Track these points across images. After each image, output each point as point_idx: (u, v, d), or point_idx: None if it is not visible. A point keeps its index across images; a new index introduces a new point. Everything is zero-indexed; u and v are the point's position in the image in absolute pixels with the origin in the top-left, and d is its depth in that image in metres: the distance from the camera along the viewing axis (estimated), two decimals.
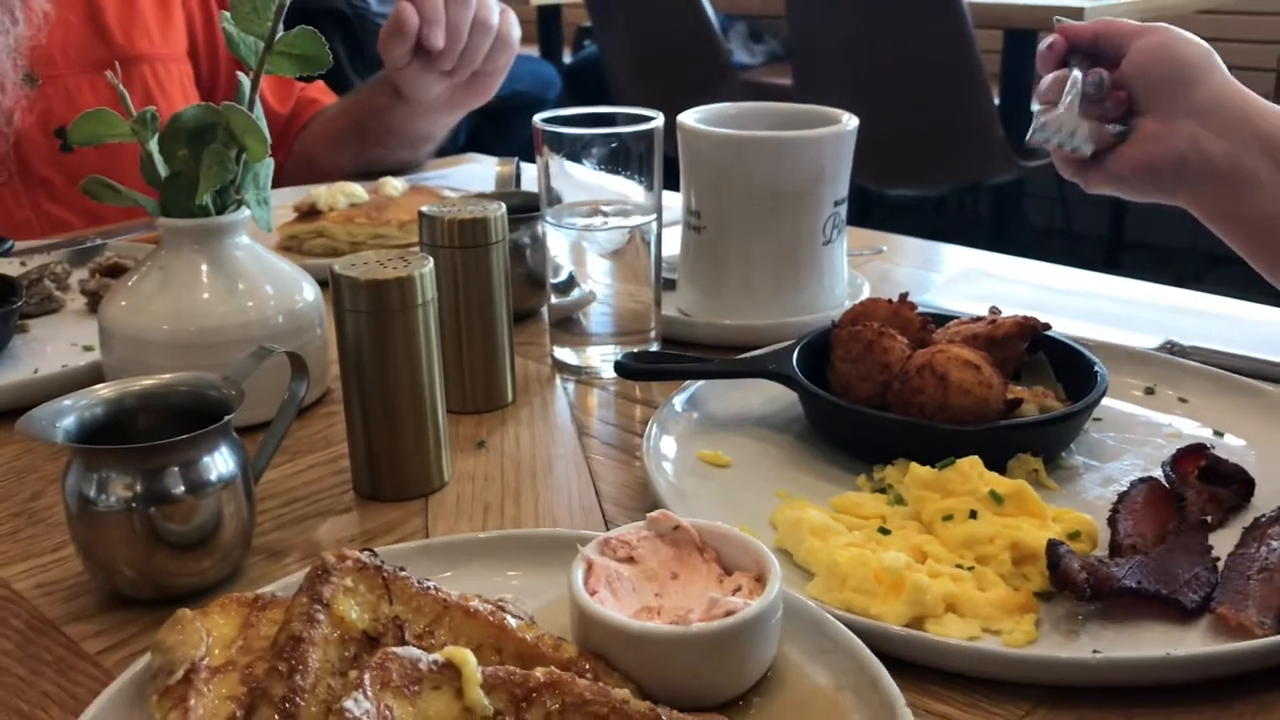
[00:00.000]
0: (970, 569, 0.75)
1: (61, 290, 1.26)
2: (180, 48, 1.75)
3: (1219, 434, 0.95)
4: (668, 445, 0.94)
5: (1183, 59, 0.98)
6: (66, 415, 0.77)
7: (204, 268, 0.98)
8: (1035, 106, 1.03)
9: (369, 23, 4.14)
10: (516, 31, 1.62)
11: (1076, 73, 0.99)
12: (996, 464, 0.84)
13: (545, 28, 5.01)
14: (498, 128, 4.10)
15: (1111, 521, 0.81)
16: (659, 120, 1.07)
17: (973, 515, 0.78)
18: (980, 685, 0.68)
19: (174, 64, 1.73)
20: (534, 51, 5.09)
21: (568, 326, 1.14)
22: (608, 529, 0.81)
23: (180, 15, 1.75)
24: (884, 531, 0.79)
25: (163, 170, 0.97)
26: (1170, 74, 0.97)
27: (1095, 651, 0.68)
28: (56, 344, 1.16)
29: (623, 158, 1.08)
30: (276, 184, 1.02)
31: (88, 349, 1.14)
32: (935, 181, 3.78)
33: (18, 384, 1.05)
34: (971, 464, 0.81)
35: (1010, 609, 0.72)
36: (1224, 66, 0.98)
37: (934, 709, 0.67)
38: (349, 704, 0.54)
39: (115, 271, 1.25)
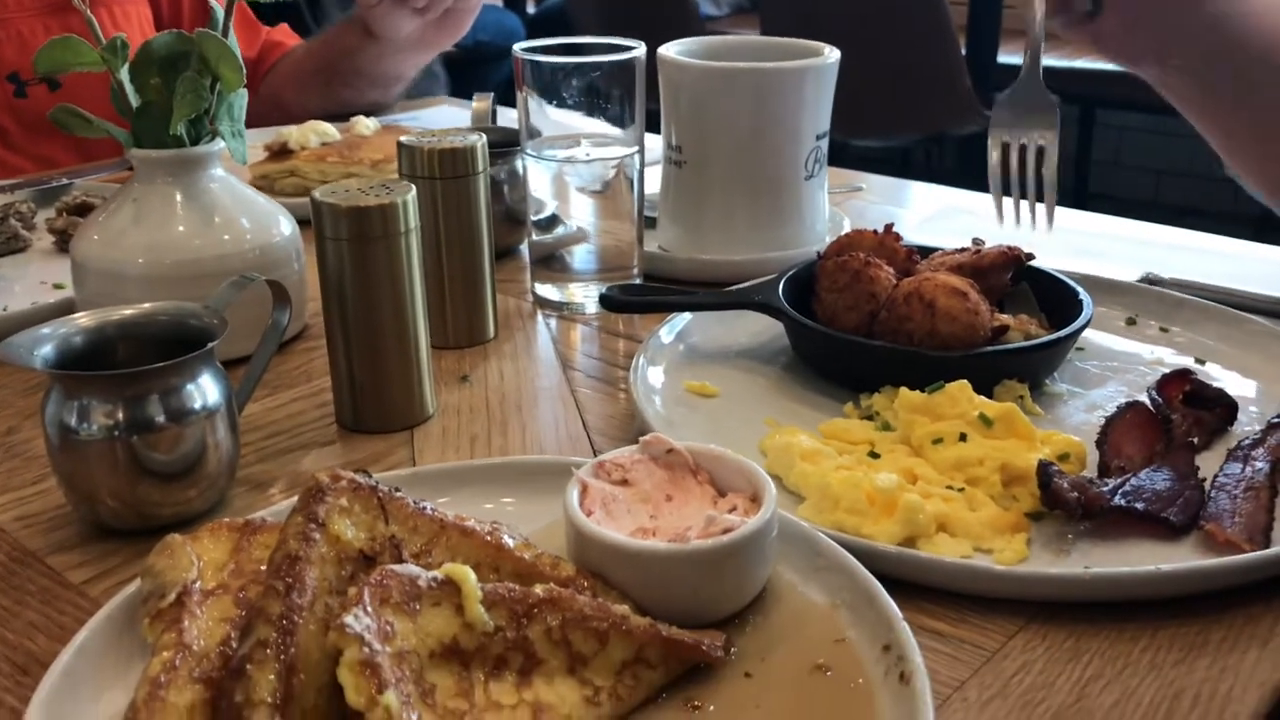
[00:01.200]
0: (961, 490, 0.75)
1: (28, 229, 1.23)
2: None
3: (1200, 362, 0.96)
4: (655, 376, 0.94)
5: None
6: (45, 343, 0.75)
7: (178, 200, 0.96)
8: None
9: None
10: None
11: None
12: (983, 390, 0.84)
13: None
14: (462, 77, 4.04)
15: (1100, 444, 0.81)
16: (640, 49, 1.05)
17: (962, 438, 0.78)
18: (973, 603, 0.69)
19: (131, 5, 1.69)
20: (498, 1, 5.02)
21: (550, 263, 1.13)
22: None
23: None
24: (874, 455, 0.79)
25: (134, 100, 0.95)
26: None
27: (1087, 568, 0.69)
28: (25, 282, 1.13)
29: (603, 90, 1.07)
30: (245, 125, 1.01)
31: (58, 286, 1.12)
32: (902, 131, 3.78)
33: None
34: (960, 388, 0.81)
35: (1001, 528, 0.73)
36: None
37: (927, 625, 0.67)
38: (349, 619, 0.53)
39: (83, 210, 1.23)
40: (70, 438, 0.73)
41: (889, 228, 0.99)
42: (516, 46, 1.06)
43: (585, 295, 1.11)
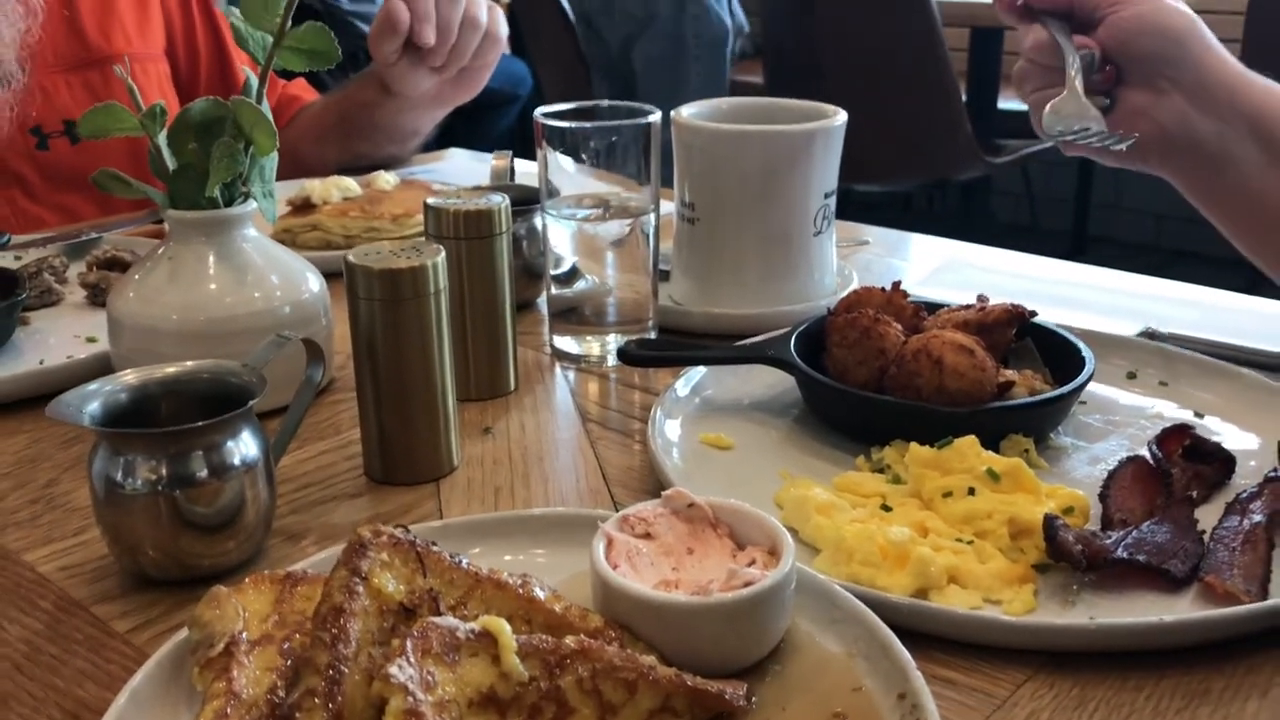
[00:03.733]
0: (970, 543, 0.78)
1: (60, 283, 1.27)
2: (158, 46, 1.76)
3: (1199, 415, 0.99)
4: (671, 429, 0.97)
5: (1168, 30, 0.95)
6: (92, 400, 0.78)
7: (212, 259, 1.00)
8: (1026, 94, 1.03)
9: (339, 19, 4.14)
10: (504, 28, 1.65)
11: (1073, 52, 0.96)
12: (989, 444, 0.87)
13: (516, 25, 5.01)
14: (470, 123, 4.11)
15: (1102, 497, 0.84)
16: (656, 115, 1.09)
17: (971, 492, 0.81)
18: (983, 652, 0.71)
19: (151, 63, 1.74)
20: (505, 49, 5.10)
21: (568, 316, 1.17)
22: (617, 510, 0.83)
23: (159, 14, 1.76)
24: (886, 508, 0.83)
25: (171, 164, 0.99)
26: (1155, 47, 0.95)
27: (1092, 618, 0.72)
28: (58, 336, 1.17)
29: (621, 151, 1.11)
30: None
31: (90, 340, 1.15)
32: (904, 178, 3.84)
33: (25, 375, 1.06)
34: (969, 443, 0.84)
35: (1010, 580, 0.76)
36: (1211, 37, 0.97)
37: (940, 674, 0.70)
38: (394, 669, 0.56)
39: (113, 264, 1.27)
40: (116, 492, 0.76)
41: (896, 285, 1.03)
42: (538, 112, 1.10)
43: (603, 348, 1.15)
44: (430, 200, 1.04)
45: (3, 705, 0.68)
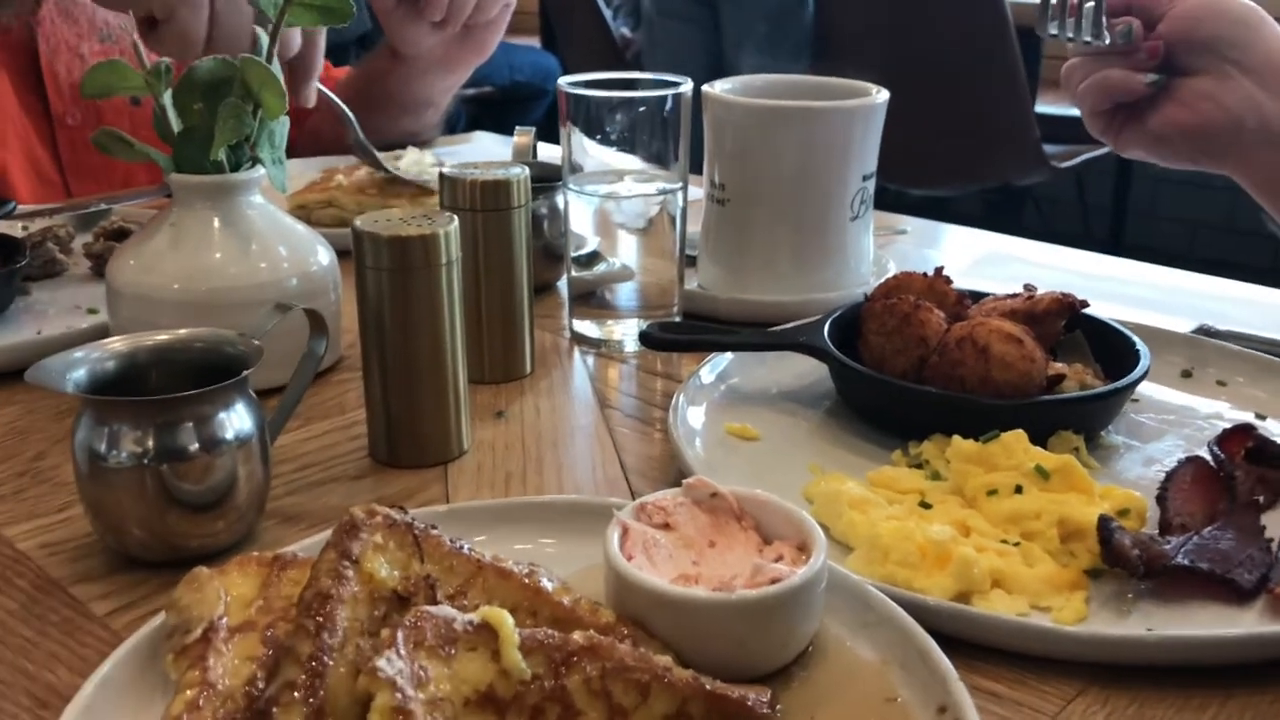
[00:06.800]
0: (1016, 544, 0.72)
1: (65, 253, 1.22)
2: None
3: (1261, 417, 0.92)
4: (694, 417, 0.91)
5: (1232, 12, 0.94)
6: (77, 367, 0.73)
7: (216, 226, 0.95)
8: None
9: None
10: None
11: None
12: (1037, 441, 0.81)
13: (547, 18, 4.97)
14: (498, 116, 4.06)
15: (1160, 500, 0.78)
16: (687, 85, 1.04)
17: (1018, 490, 0.75)
18: (1029, 663, 0.65)
19: None
20: (535, 42, 5.06)
21: (588, 300, 1.11)
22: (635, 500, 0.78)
23: None
24: (925, 506, 0.77)
25: (176, 125, 0.94)
26: (1220, 31, 0.93)
27: (1149, 630, 0.66)
28: (59, 306, 1.12)
29: (648, 126, 1.05)
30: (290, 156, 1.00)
31: (91, 311, 1.10)
32: (965, 183, 3.70)
33: (20, 344, 1.02)
34: (1016, 438, 0.78)
35: (1059, 585, 0.70)
36: (1275, 22, 0.95)
37: (981, 686, 0.64)
38: (381, 663, 0.51)
39: (120, 236, 1.22)
40: (99, 464, 0.71)
41: (939, 271, 0.97)
42: (562, 80, 1.05)
43: (624, 333, 1.09)
44: (445, 170, 0.98)
45: None
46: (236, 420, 0.74)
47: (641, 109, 1.04)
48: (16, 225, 1.28)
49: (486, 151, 1.80)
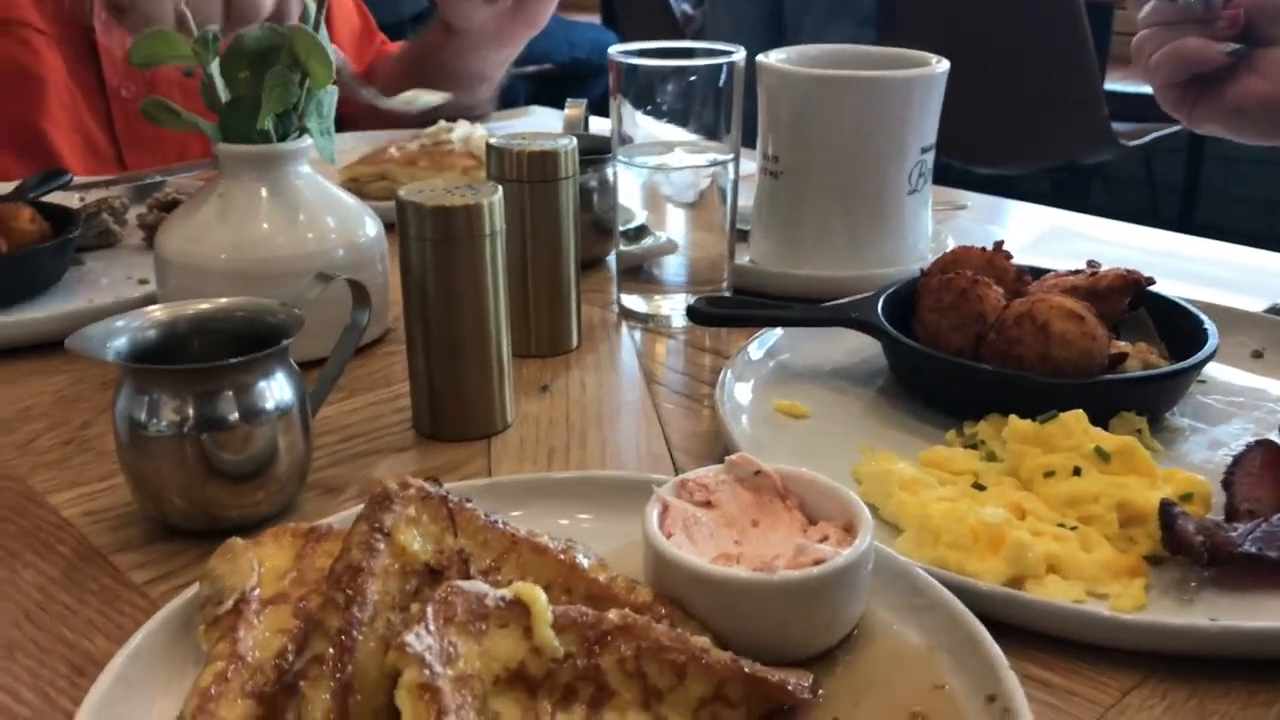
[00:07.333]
0: (1073, 528, 0.70)
1: (119, 224, 1.23)
2: None
3: None
4: (742, 394, 0.89)
5: None
6: (119, 335, 0.73)
7: (264, 196, 0.95)
8: None
9: None
10: None
11: None
12: (1097, 422, 0.78)
13: None
14: (557, 93, 4.04)
15: (1227, 485, 0.75)
16: (740, 53, 1.01)
17: (1076, 472, 0.72)
18: (1085, 652, 0.63)
19: None
20: (596, 19, 5.03)
21: (636, 274, 1.10)
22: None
23: None
24: (979, 487, 0.74)
25: (224, 95, 0.94)
26: None
27: (1213, 620, 0.63)
28: (111, 277, 1.13)
29: (700, 96, 1.03)
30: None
31: (143, 282, 1.11)
32: (1031, 160, 3.61)
33: (70, 313, 1.02)
34: (1076, 418, 0.75)
35: (1118, 572, 0.67)
36: None
37: (1035, 675, 0.61)
38: (410, 638, 0.50)
39: (174, 207, 1.22)
40: (139, 433, 0.71)
41: (998, 245, 0.94)
42: (613, 49, 1.03)
43: (672, 308, 1.07)
44: (492, 140, 0.97)
45: (7, 654, 0.63)
46: (277, 390, 0.73)
47: (694, 79, 1.02)
48: (73, 197, 1.29)
49: (541, 126, 1.79)
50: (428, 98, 1.45)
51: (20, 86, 1.51)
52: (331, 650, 0.51)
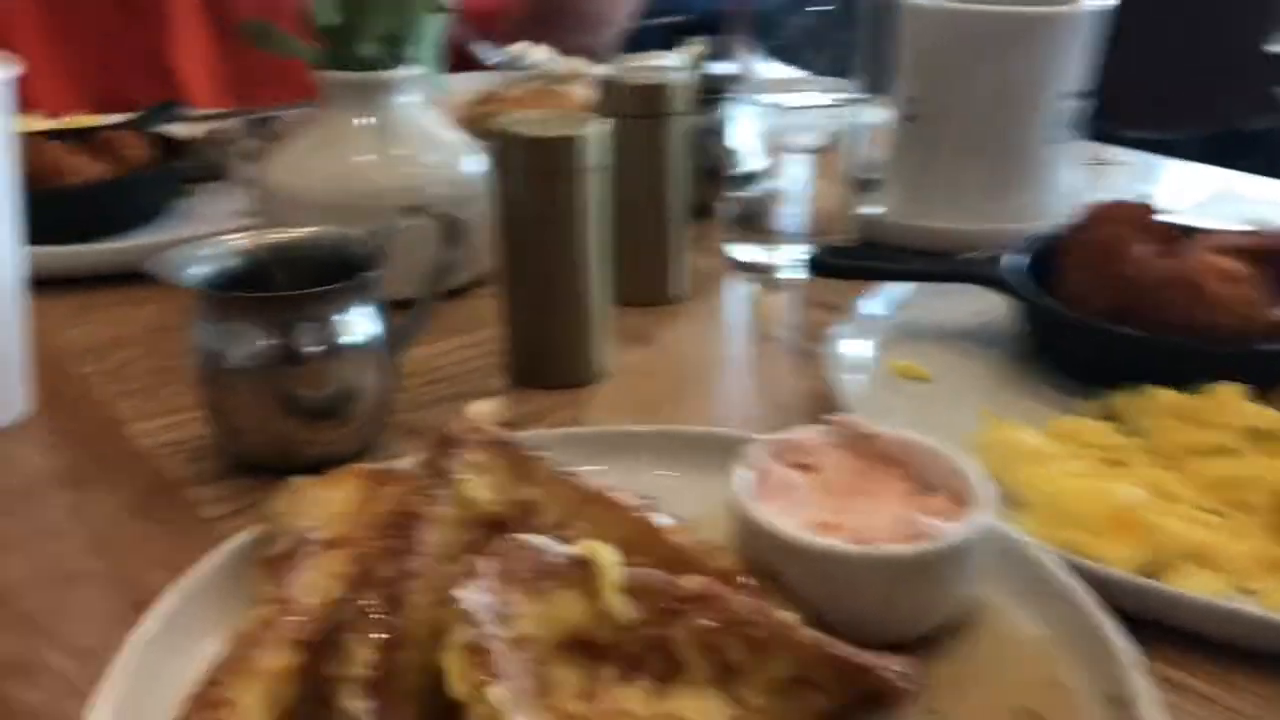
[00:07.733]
0: (1222, 515, 0.62)
1: (229, 158, 1.22)
2: None
3: None
4: (857, 352, 0.83)
5: None
6: (200, 262, 0.70)
7: (364, 127, 0.91)
8: None
9: None
10: None
11: None
12: (1255, 396, 0.70)
13: None
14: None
15: None
16: None
17: (1229, 452, 0.65)
18: (1229, 654, 0.55)
19: None
20: None
21: (750, 223, 1.03)
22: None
23: None
24: (1115, 464, 0.66)
25: (326, 19, 0.90)
26: None
27: None
28: (218, 209, 1.12)
29: (828, 34, 0.96)
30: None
31: (249, 215, 1.09)
32: (1190, 125, 3.42)
33: (168, 244, 1.00)
34: (1231, 392, 0.67)
35: (1271, 565, 0.59)
36: None
37: (1169, 677, 0.54)
38: (464, 594, 0.45)
39: None
40: (215, 364, 0.69)
41: (1149, 202, 0.85)
42: None
43: (787, 259, 1.01)
44: (603, 71, 0.92)
45: (68, 584, 0.61)
46: (361, 325, 0.70)
47: (821, 15, 0.95)
48: (187, 128, 1.28)
49: None
50: (536, 54, 1.41)
51: (150, 14, 1.52)
52: (380, 602, 0.47)
